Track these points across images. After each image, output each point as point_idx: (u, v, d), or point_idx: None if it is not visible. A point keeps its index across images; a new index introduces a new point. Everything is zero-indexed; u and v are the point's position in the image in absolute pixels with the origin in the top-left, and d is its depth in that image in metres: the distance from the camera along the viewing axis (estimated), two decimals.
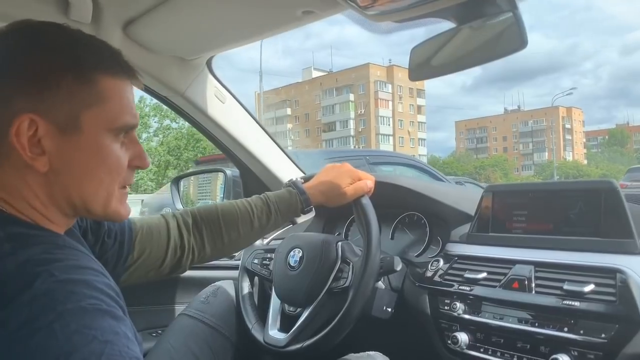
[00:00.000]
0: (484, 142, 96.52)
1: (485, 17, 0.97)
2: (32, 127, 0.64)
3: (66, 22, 1.10)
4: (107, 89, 0.69)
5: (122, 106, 0.71)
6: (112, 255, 0.95)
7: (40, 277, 0.56)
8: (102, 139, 0.69)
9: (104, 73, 0.69)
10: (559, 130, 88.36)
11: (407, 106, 71.80)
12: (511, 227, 1.12)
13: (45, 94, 0.65)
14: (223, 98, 1.55)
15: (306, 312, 1.13)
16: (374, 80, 68.08)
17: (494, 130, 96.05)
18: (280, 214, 1.14)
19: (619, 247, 0.94)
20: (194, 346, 1.16)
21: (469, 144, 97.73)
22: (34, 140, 0.64)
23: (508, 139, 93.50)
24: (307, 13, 1.10)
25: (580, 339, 0.89)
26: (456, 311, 1.08)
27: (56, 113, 0.65)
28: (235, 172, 1.73)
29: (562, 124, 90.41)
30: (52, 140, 0.65)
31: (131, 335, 0.59)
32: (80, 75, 0.67)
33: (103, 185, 0.70)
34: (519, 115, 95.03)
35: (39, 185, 0.67)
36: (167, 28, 1.26)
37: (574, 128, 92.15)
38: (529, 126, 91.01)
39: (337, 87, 69.17)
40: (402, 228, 1.43)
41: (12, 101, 0.64)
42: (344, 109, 68.57)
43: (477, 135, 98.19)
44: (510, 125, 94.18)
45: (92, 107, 0.67)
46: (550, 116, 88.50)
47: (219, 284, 1.35)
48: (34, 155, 0.65)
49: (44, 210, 0.69)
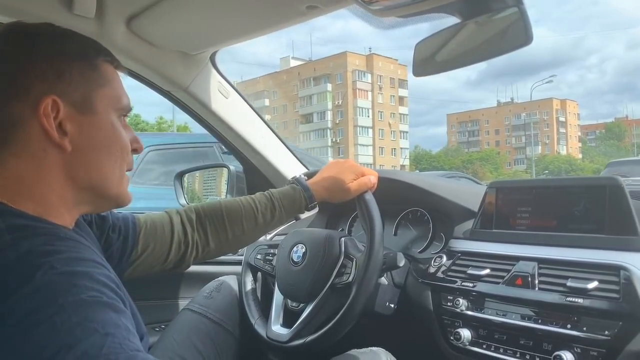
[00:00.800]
0: (475, 136, 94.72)
1: (491, 13, 0.96)
2: (54, 109, 0.67)
3: (70, 16, 1.12)
4: (108, 73, 0.75)
5: (120, 88, 0.77)
6: (116, 250, 0.96)
7: (41, 269, 0.56)
8: (112, 119, 0.74)
9: (103, 59, 0.75)
10: (552, 123, 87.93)
11: (387, 97, 69.21)
12: (515, 223, 1.12)
13: (61, 78, 0.69)
14: (227, 93, 1.55)
15: (309, 308, 1.14)
16: (352, 69, 65.22)
17: (486, 124, 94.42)
18: (285, 210, 1.14)
19: (623, 244, 0.94)
20: (198, 341, 1.17)
21: (461, 138, 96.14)
22: (56, 122, 0.68)
23: (500, 132, 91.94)
24: (312, 8, 1.09)
25: (584, 336, 0.89)
26: (459, 307, 1.08)
27: (73, 95, 0.70)
28: (239, 167, 1.73)
29: (555, 117, 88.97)
30: (72, 121, 0.69)
31: (132, 327, 0.59)
32: (87, 60, 0.73)
33: (117, 164, 0.75)
34: (511, 108, 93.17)
35: (59, 168, 0.69)
36: (171, 23, 1.25)
37: (568, 121, 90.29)
38: (521, 119, 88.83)
39: (315, 77, 66.17)
40: (406, 224, 1.43)
41: (32, 88, 0.67)
42: (322, 100, 65.88)
43: (468, 128, 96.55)
44: (502, 118, 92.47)
45: (101, 88, 0.73)
46: (544, 109, 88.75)
47: (222, 279, 1.35)
48: (60, 135, 0.68)
49: (57, 199, 0.70)
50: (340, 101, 65.28)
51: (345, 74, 64.90)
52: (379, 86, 67.81)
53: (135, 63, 1.36)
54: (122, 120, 0.77)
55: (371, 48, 72.50)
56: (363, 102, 66.65)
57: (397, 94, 69.66)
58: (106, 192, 0.75)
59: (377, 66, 67.00)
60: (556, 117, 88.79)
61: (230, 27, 1.30)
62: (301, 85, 67.37)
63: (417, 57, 1.08)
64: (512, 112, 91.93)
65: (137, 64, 1.37)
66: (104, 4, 1.16)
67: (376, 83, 67.49)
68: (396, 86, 69.31)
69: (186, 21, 1.25)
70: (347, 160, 1.21)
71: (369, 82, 67.00)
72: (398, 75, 69.35)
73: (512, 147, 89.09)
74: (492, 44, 1.01)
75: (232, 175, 1.71)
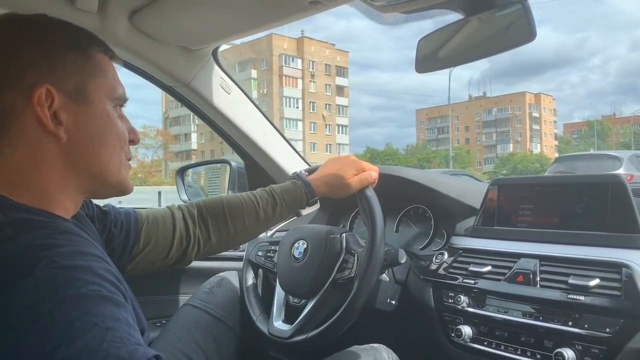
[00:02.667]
0: (445, 133, 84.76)
1: (494, 9, 0.96)
2: (48, 98, 0.67)
3: (72, 11, 1.12)
4: (102, 63, 0.75)
5: (116, 78, 0.77)
6: (118, 245, 0.96)
7: (42, 263, 0.56)
8: (107, 108, 0.74)
9: (96, 49, 0.75)
10: (525, 119, 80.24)
11: (322, 86, 59.87)
12: (517, 220, 1.12)
13: (54, 68, 0.69)
14: (228, 89, 1.55)
15: (310, 304, 1.13)
16: (279, 53, 56.40)
17: (456, 120, 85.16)
18: (286, 205, 1.13)
19: (625, 242, 0.94)
20: (198, 336, 1.17)
21: (429, 135, 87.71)
22: (50, 111, 0.68)
23: (471, 129, 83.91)
24: (314, 3, 1.09)
25: (585, 333, 0.89)
26: (460, 304, 1.08)
27: (67, 84, 0.70)
28: (241, 163, 1.73)
29: (528, 112, 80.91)
30: (67, 111, 0.69)
31: (132, 321, 0.59)
32: (80, 50, 0.73)
33: (115, 152, 0.75)
34: (482, 103, 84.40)
35: (56, 158, 0.69)
36: (173, 18, 1.25)
37: (542, 117, 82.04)
38: (492, 115, 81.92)
39: (241, 62, 56.11)
40: (407, 221, 1.43)
41: (25, 77, 0.67)
42: (246, 88, 56.16)
43: (438, 125, 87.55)
44: (473, 114, 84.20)
45: (95, 77, 0.73)
46: (516, 103, 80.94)
47: (223, 275, 1.35)
48: (55, 124, 0.68)
49: (56, 190, 0.70)
50: (266, 90, 56.45)
51: (270, 58, 56.41)
52: (310, 73, 58.79)
53: (137, 58, 1.36)
54: (117, 110, 0.77)
55: (303, 31, 60.17)
56: (291, 90, 57.58)
57: (333, 83, 60.13)
58: (106, 179, 0.75)
59: (308, 51, 58.30)
60: (529, 112, 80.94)
61: (232, 22, 1.30)
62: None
63: (420, 53, 1.08)
64: (483, 108, 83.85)
65: (139, 59, 1.37)
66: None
67: (307, 69, 58.37)
68: (332, 74, 59.71)
69: (188, 16, 1.25)
70: (348, 156, 1.21)
71: (299, 69, 57.93)
72: (336, 62, 60.77)
73: (482, 145, 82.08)
74: (496, 41, 1.01)
75: (233, 171, 1.71)
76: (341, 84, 61.53)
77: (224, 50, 1.48)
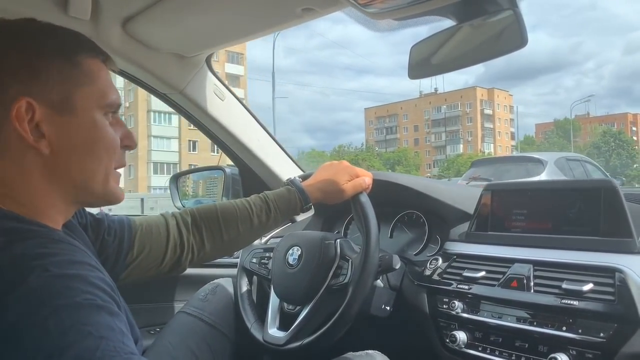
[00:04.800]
0: (393, 133, 79.00)
1: (486, 15, 0.97)
2: (29, 111, 0.66)
3: (65, 18, 1.12)
4: (91, 69, 0.72)
5: (107, 85, 0.74)
6: (112, 253, 0.95)
7: (35, 272, 0.56)
8: (96, 117, 0.72)
9: (85, 55, 0.72)
10: (476, 116, 72.21)
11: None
12: (510, 225, 1.12)
13: (37, 78, 0.67)
14: (222, 95, 1.55)
15: (305, 310, 1.13)
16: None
17: (405, 119, 78.58)
18: (280, 212, 1.13)
19: (618, 247, 0.94)
20: (193, 344, 1.16)
21: (378, 135, 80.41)
22: (32, 124, 0.66)
23: (420, 129, 76.52)
24: (307, 10, 1.09)
25: (579, 338, 0.89)
26: (455, 310, 1.08)
27: (50, 95, 0.67)
28: (235, 170, 1.73)
29: (480, 109, 72.81)
30: (49, 123, 0.67)
31: (126, 330, 0.59)
32: (66, 57, 0.70)
33: (102, 164, 0.73)
34: (432, 100, 76.35)
35: (41, 170, 0.68)
36: (167, 25, 1.25)
37: (496, 114, 74.07)
38: (442, 112, 74.38)
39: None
40: (401, 226, 1.43)
41: (6, 90, 0.65)
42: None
43: (386, 124, 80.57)
44: (422, 112, 76.50)
45: (82, 86, 0.70)
46: (467, 99, 72.95)
47: (218, 282, 1.35)
48: (34, 137, 0.66)
49: (44, 200, 0.69)
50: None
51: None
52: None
53: (131, 65, 1.36)
54: (109, 117, 0.74)
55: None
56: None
57: (223, 70, 48.65)
58: (92, 190, 0.73)
59: None
60: (481, 109, 72.76)
61: (225, 30, 1.31)
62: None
63: (413, 59, 1.08)
64: (433, 105, 75.89)
65: (133, 66, 1.37)
66: (99, 6, 1.16)
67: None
68: (222, 60, 48.90)
69: (182, 23, 1.25)
70: (342, 162, 1.21)
71: None
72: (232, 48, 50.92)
73: (431, 145, 75.21)
74: (488, 47, 1.01)
75: (227, 178, 1.71)
76: (234, 72, 50.21)
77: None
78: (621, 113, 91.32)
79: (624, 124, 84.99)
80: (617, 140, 71.79)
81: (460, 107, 73.38)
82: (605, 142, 70.68)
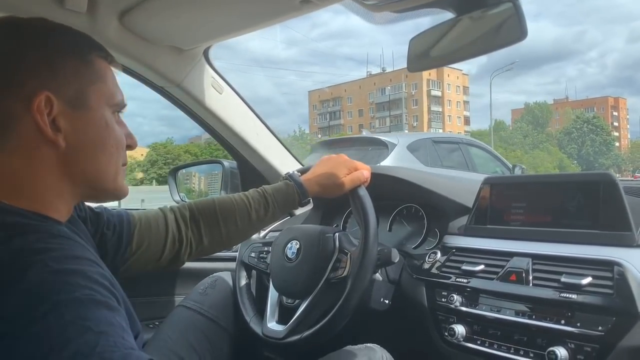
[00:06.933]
0: (337, 118, 71.17)
1: (485, 8, 0.96)
2: (47, 105, 0.67)
3: (62, 11, 1.11)
4: (101, 69, 0.75)
5: (114, 84, 0.77)
6: (110, 247, 0.95)
7: (34, 267, 0.56)
8: (106, 115, 0.74)
9: (96, 55, 0.74)
10: (422, 98, 64.67)
11: None
12: (509, 219, 1.12)
13: (54, 74, 0.69)
14: (220, 89, 1.54)
15: (304, 304, 1.13)
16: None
17: (349, 102, 70.44)
18: (278, 206, 1.13)
19: (617, 240, 0.94)
20: (192, 338, 1.16)
21: (321, 121, 72.00)
22: (49, 118, 0.67)
23: (365, 113, 68.47)
24: (306, 2, 1.08)
25: (577, 331, 0.89)
26: (453, 303, 1.08)
27: (66, 91, 0.69)
28: (233, 163, 1.73)
29: (426, 90, 64.81)
30: (65, 118, 0.69)
31: (126, 325, 0.59)
32: (80, 56, 0.72)
33: (113, 159, 0.75)
34: (376, 80, 67.91)
35: (54, 164, 0.69)
36: (164, 18, 1.24)
37: (445, 96, 66.29)
38: (386, 95, 65.45)
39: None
40: (400, 220, 1.43)
41: (25, 84, 0.67)
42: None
43: (330, 109, 72.32)
44: (367, 95, 68.39)
45: (95, 84, 0.73)
46: (413, 79, 64.57)
47: (217, 276, 1.35)
48: (53, 131, 0.68)
49: (53, 195, 0.70)
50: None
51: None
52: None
53: (128, 59, 1.35)
54: (116, 116, 0.76)
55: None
56: None
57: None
58: (102, 186, 0.75)
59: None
60: (427, 90, 64.76)
61: (223, 22, 1.29)
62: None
63: (412, 52, 1.08)
64: (377, 86, 67.16)
65: (130, 60, 1.36)
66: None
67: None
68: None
69: (179, 16, 1.24)
70: (340, 156, 1.20)
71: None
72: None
73: (375, 133, 56.88)
74: (487, 40, 1.01)
75: (226, 172, 1.71)
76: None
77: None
78: (602, 97, 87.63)
79: (604, 108, 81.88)
80: (590, 125, 67.66)
81: (405, 88, 65.08)
82: (577, 127, 67.00)
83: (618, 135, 79.21)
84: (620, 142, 79.07)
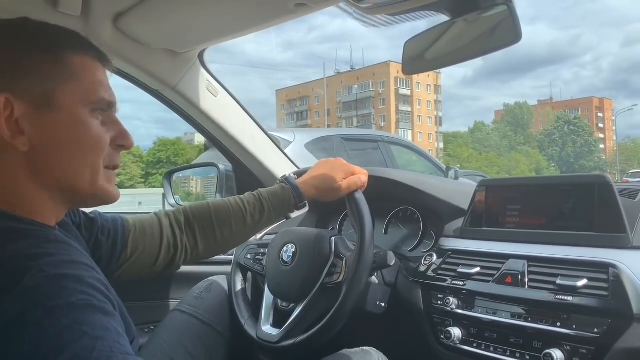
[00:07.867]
0: (304, 119, 67.79)
1: (480, 10, 0.96)
2: (7, 107, 0.65)
3: (55, 14, 1.10)
4: (77, 67, 0.71)
5: (95, 82, 0.72)
6: (105, 252, 0.95)
7: (30, 272, 0.56)
8: (80, 114, 0.70)
9: (71, 51, 0.71)
10: (389, 97, 61.31)
11: None
12: (505, 221, 1.12)
13: (18, 74, 0.66)
14: (215, 91, 1.54)
15: (299, 308, 1.13)
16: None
17: (316, 102, 66.56)
18: (274, 210, 1.13)
19: (612, 242, 0.94)
20: (187, 342, 1.16)
21: (288, 121, 68.37)
22: (11, 120, 0.65)
23: (332, 113, 65.19)
24: (300, 5, 1.08)
25: (573, 333, 0.89)
26: (449, 306, 1.08)
27: (31, 92, 0.67)
28: (228, 166, 1.72)
29: (394, 89, 61.40)
30: (29, 119, 0.66)
31: (122, 330, 0.59)
32: (49, 54, 0.69)
33: (87, 162, 0.71)
34: (344, 79, 65.55)
35: (24, 168, 0.67)
36: (158, 21, 1.24)
37: (415, 95, 63.05)
38: (353, 94, 63.64)
39: None
40: (396, 223, 1.43)
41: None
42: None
43: (297, 109, 69.62)
44: (334, 94, 65.25)
45: (66, 83, 0.69)
46: (380, 77, 62.15)
47: (212, 279, 1.34)
48: (12, 134, 0.65)
49: (33, 199, 0.68)
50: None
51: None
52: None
53: (122, 62, 1.34)
54: (97, 114, 0.72)
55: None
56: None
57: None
58: (78, 190, 0.71)
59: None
60: (395, 88, 61.33)
61: (218, 25, 1.29)
62: None
63: (407, 54, 1.08)
64: (344, 85, 64.85)
65: (125, 63, 1.35)
66: (90, 2, 1.15)
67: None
68: None
69: (174, 19, 1.24)
70: (337, 159, 1.20)
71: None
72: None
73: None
74: (482, 42, 1.01)
75: (221, 175, 1.70)
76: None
77: None
78: (586, 97, 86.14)
79: (589, 109, 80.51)
80: (571, 126, 66.13)
81: (372, 86, 62.42)
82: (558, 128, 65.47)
83: (603, 137, 77.66)
84: (605, 144, 77.59)
